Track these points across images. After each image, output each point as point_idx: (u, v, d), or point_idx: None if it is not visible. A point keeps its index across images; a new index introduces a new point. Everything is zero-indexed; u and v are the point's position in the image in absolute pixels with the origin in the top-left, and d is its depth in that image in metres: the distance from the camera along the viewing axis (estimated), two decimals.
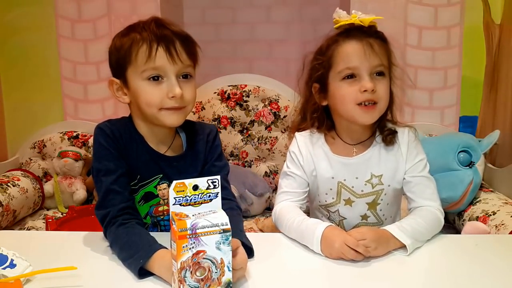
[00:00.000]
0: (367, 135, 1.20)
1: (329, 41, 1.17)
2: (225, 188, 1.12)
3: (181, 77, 1.07)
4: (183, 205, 0.80)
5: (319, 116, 1.22)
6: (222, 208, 0.83)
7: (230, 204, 1.09)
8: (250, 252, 0.97)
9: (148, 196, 1.13)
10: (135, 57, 1.04)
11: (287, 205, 1.19)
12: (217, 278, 0.78)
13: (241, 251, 0.87)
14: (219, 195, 0.81)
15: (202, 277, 0.77)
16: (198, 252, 0.77)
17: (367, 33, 1.13)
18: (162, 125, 1.09)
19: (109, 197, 1.05)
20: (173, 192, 0.80)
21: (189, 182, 0.80)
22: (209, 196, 0.80)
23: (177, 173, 1.13)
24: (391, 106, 1.19)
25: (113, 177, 1.06)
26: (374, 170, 1.18)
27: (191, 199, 0.80)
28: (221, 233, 0.77)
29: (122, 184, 1.07)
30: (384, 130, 1.19)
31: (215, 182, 0.80)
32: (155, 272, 0.89)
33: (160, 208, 1.14)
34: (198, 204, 0.80)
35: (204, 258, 0.77)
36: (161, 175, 1.13)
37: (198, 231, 0.76)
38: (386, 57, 1.14)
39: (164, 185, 1.13)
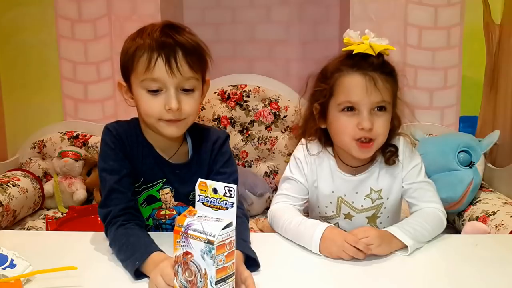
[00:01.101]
0: (366, 161, 1.19)
1: (333, 68, 1.12)
2: None
3: (182, 89, 1.04)
4: (205, 205, 0.79)
5: (318, 138, 1.20)
6: None
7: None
8: (254, 263, 0.94)
9: (151, 199, 1.13)
10: (136, 65, 1.03)
11: (283, 206, 1.19)
12: (201, 287, 0.75)
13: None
14: (235, 205, 0.76)
15: (190, 279, 0.76)
16: (187, 253, 0.76)
17: (373, 66, 1.08)
18: (161, 135, 1.09)
19: (112, 196, 1.05)
20: (197, 189, 0.79)
21: (210, 183, 0.78)
22: (225, 203, 0.77)
23: (179, 181, 1.12)
24: (396, 128, 1.17)
25: (117, 176, 1.06)
26: (373, 185, 1.18)
27: (211, 201, 0.78)
28: (205, 243, 0.73)
29: (126, 184, 1.07)
30: (386, 152, 1.17)
31: (231, 190, 0.76)
32: (148, 275, 0.89)
33: (162, 212, 1.14)
34: (216, 208, 0.78)
35: (191, 261, 0.76)
36: (164, 180, 1.12)
37: (189, 232, 0.75)
38: (389, 92, 1.10)
39: (167, 190, 1.13)
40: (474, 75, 1.99)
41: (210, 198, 0.78)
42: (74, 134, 2.06)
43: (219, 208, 0.77)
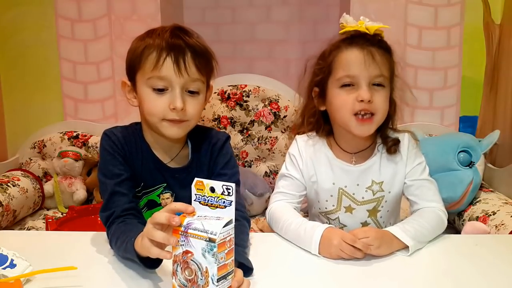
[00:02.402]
0: (366, 145, 1.19)
1: (331, 47, 1.15)
2: None
3: (187, 90, 1.05)
4: (202, 204, 0.79)
5: (316, 120, 1.21)
6: None
7: None
8: (247, 269, 0.90)
9: (151, 204, 1.13)
10: (144, 63, 1.04)
11: (282, 205, 1.18)
12: (202, 285, 0.76)
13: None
14: (233, 204, 0.77)
15: (190, 278, 0.77)
16: (187, 252, 0.76)
17: (370, 42, 1.11)
18: (163, 136, 1.08)
19: (113, 198, 1.05)
20: (194, 188, 0.80)
21: (207, 182, 0.78)
22: (224, 202, 0.78)
23: (179, 185, 1.12)
24: (392, 115, 1.19)
25: (118, 180, 1.06)
26: (375, 177, 1.18)
27: (208, 200, 0.79)
28: (207, 241, 0.74)
29: (127, 187, 1.07)
30: (387, 141, 1.18)
31: (229, 189, 0.77)
32: (137, 249, 0.85)
33: None
34: (214, 207, 0.78)
35: (191, 260, 0.76)
36: (165, 185, 1.12)
37: (189, 231, 0.76)
38: (387, 68, 1.12)
39: (167, 195, 1.12)
40: (474, 75, 1.99)
41: (207, 197, 0.79)
42: (74, 134, 2.06)
43: (217, 207, 0.78)
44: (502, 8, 1.87)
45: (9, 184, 1.86)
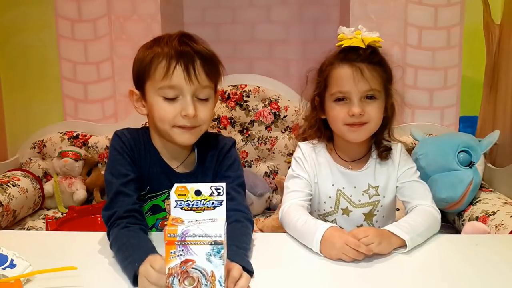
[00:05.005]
0: (362, 154, 1.25)
1: (327, 62, 1.22)
2: (233, 198, 1.08)
3: (197, 97, 1.06)
4: (185, 209, 0.78)
5: (318, 127, 1.27)
6: (227, 220, 0.78)
7: (236, 215, 1.05)
8: (248, 273, 0.87)
9: (156, 208, 1.13)
10: (154, 72, 1.04)
11: (294, 203, 1.20)
12: None
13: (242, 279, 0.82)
14: (224, 203, 0.77)
15: (191, 287, 0.75)
16: (186, 261, 0.74)
17: (361, 57, 1.16)
18: (174, 143, 1.09)
19: (117, 198, 1.04)
20: (174, 195, 0.78)
21: (191, 186, 0.77)
22: (213, 203, 0.77)
23: None
24: (389, 121, 1.24)
25: (124, 180, 1.06)
26: (371, 181, 1.23)
27: (193, 204, 0.77)
28: (212, 244, 0.72)
29: (132, 188, 1.06)
30: (379, 147, 1.24)
31: (220, 189, 0.76)
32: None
33: (166, 222, 1.14)
34: (200, 210, 0.77)
35: (193, 268, 0.74)
36: (170, 190, 1.12)
37: (187, 239, 0.73)
38: (378, 81, 1.17)
39: None
40: (474, 75, 1.99)
41: (191, 201, 0.78)
42: (74, 134, 2.06)
43: (204, 209, 0.77)
44: (502, 8, 1.87)
45: (9, 184, 1.86)
